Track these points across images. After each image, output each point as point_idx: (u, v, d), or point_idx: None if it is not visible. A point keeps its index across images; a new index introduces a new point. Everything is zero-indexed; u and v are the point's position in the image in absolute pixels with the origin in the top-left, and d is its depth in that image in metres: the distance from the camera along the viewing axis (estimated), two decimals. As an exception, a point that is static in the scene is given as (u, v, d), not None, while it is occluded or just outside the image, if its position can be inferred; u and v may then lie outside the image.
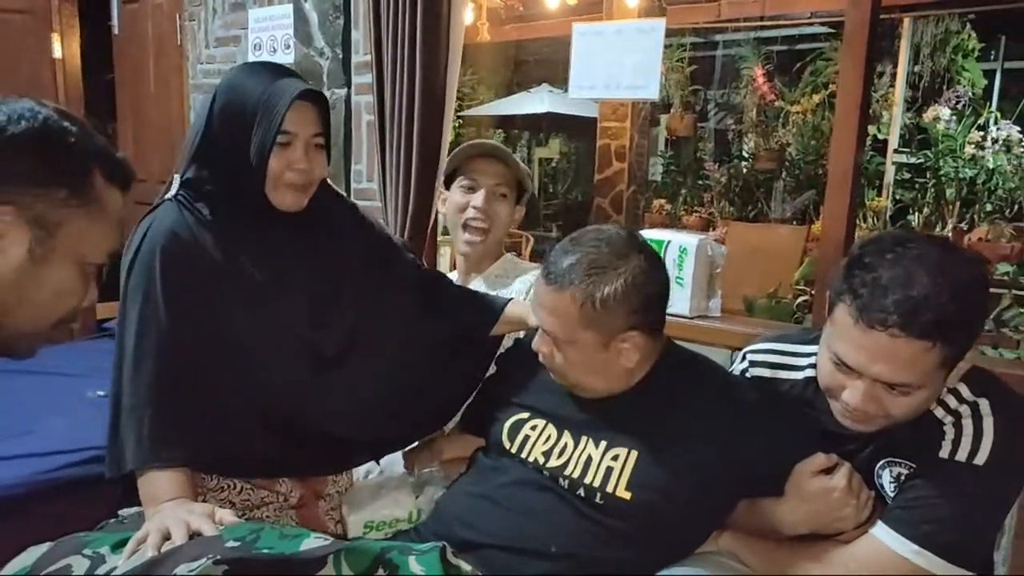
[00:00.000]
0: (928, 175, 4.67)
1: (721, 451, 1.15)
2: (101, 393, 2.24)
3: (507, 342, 1.52)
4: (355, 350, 1.35)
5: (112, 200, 0.92)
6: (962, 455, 1.06)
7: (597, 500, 1.15)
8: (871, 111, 5.10)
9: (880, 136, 5.10)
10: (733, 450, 1.15)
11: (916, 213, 4.64)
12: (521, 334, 1.48)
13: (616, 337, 1.16)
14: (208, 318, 1.24)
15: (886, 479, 1.14)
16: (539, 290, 1.22)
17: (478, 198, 1.64)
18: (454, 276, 1.76)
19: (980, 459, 1.05)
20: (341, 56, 2.80)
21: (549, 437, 1.24)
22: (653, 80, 2.18)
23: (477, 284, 1.70)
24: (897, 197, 4.94)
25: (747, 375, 1.30)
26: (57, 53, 3.98)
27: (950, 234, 4.32)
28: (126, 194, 0.95)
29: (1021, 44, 5.57)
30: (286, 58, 2.97)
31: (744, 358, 1.33)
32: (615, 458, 1.17)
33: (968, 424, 1.07)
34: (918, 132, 5.07)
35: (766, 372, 1.28)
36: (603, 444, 1.19)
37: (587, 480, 1.17)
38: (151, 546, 0.96)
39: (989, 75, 5.43)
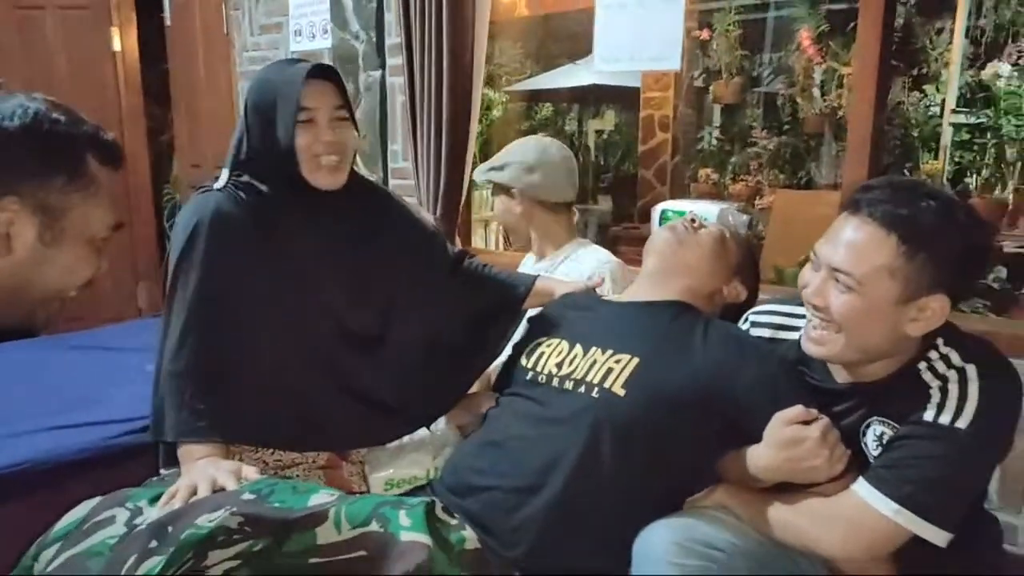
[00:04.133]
0: (989, 135, 4.48)
1: (714, 375, 1.24)
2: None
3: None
4: (392, 327, 1.45)
5: (106, 179, 0.99)
6: (946, 418, 1.08)
7: (594, 395, 1.25)
8: (928, 71, 4.92)
9: (939, 95, 4.90)
10: (725, 377, 1.24)
11: (975, 175, 4.46)
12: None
13: None
14: (251, 295, 1.33)
15: (870, 438, 1.17)
16: None
17: None
18: (530, 258, 1.93)
19: (963, 423, 1.07)
20: (375, 39, 2.88)
21: (562, 351, 1.36)
22: (675, 50, 2.19)
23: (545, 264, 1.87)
24: (956, 159, 4.75)
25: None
26: (116, 46, 4.19)
27: (1011, 196, 4.15)
28: (118, 172, 1.01)
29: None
30: (324, 42, 3.07)
31: (747, 319, 1.38)
32: (617, 361, 1.28)
33: (954, 388, 1.09)
34: (980, 90, 4.85)
35: (767, 332, 1.33)
36: (609, 352, 1.30)
37: (588, 378, 1.28)
38: (179, 499, 1.07)
39: (1061, 26, 5.14)
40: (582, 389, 1.27)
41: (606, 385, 1.25)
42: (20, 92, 0.97)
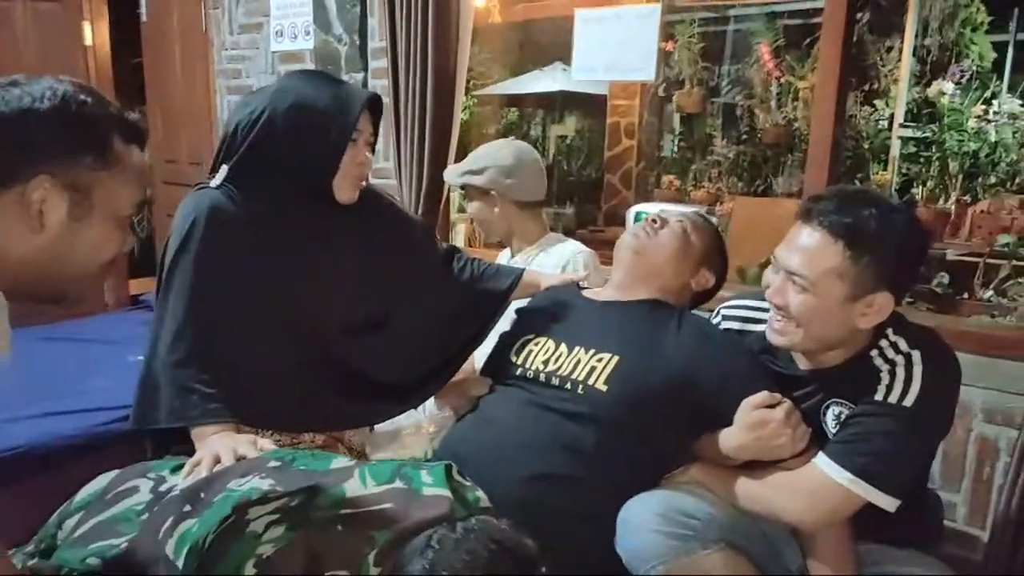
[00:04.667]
0: (933, 149, 4.73)
1: (688, 367, 1.37)
2: (141, 357, 2.46)
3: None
4: (389, 317, 1.55)
5: (132, 158, 1.02)
6: (894, 398, 1.22)
7: (579, 391, 1.37)
8: (879, 86, 5.17)
9: (888, 110, 5.15)
10: (698, 369, 1.36)
11: (920, 186, 4.71)
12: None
13: None
14: (246, 288, 1.39)
15: (829, 418, 1.31)
16: None
17: None
18: (505, 254, 2.04)
19: (908, 401, 1.22)
20: (359, 42, 2.96)
21: (549, 349, 1.47)
22: (650, 62, 2.33)
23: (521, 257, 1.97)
24: (903, 171, 5.01)
25: (720, 327, 1.48)
26: (88, 40, 4.16)
27: (953, 206, 4.40)
28: (143, 150, 1.05)
29: (1035, 16, 5.56)
30: (306, 43, 3.13)
31: (718, 313, 1.51)
32: (599, 360, 1.40)
33: (901, 371, 1.24)
34: (926, 106, 5.11)
35: (736, 325, 1.46)
36: (592, 351, 1.42)
37: (573, 376, 1.40)
38: (205, 467, 1.14)
39: (1002, 47, 5.44)
40: (568, 386, 1.39)
41: (590, 382, 1.37)
42: (47, 75, 1.01)
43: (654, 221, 1.53)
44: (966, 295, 3.77)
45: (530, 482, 1.32)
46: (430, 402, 1.68)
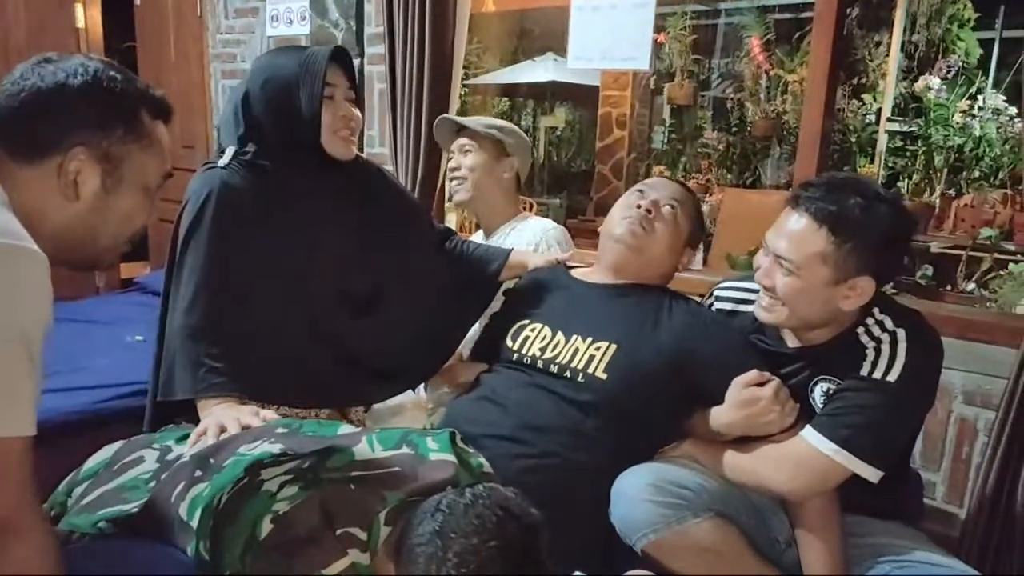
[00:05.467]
0: (920, 143, 4.80)
1: (681, 349, 1.41)
2: (139, 338, 2.49)
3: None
4: (385, 295, 1.58)
5: (159, 131, 1.08)
6: (878, 373, 1.28)
7: (580, 379, 1.41)
8: (867, 81, 5.24)
9: (876, 104, 5.22)
10: (691, 351, 1.41)
11: (906, 180, 4.79)
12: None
13: None
14: (256, 262, 1.43)
15: (817, 394, 1.36)
16: None
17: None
18: (478, 235, 2.05)
19: (892, 376, 1.27)
20: (355, 28, 2.97)
21: (545, 336, 1.50)
22: (645, 51, 2.35)
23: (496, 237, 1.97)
24: (890, 164, 5.08)
25: (713, 308, 1.53)
26: (80, 23, 4.14)
27: (937, 200, 4.48)
28: (168, 124, 1.10)
29: (1021, 13, 5.64)
30: (302, 29, 3.15)
31: (712, 294, 1.55)
32: (598, 348, 1.43)
33: (886, 348, 1.29)
34: (913, 101, 5.18)
35: (728, 306, 1.51)
36: (589, 339, 1.45)
37: (573, 364, 1.43)
38: (211, 435, 1.17)
39: (988, 44, 5.51)
40: (567, 374, 1.43)
41: (590, 371, 1.41)
42: (78, 53, 1.07)
43: (648, 212, 1.51)
44: (949, 287, 3.85)
45: (533, 461, 1.36)
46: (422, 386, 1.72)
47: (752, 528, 1.35)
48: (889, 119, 5.03)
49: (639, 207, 1.51)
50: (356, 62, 2.99)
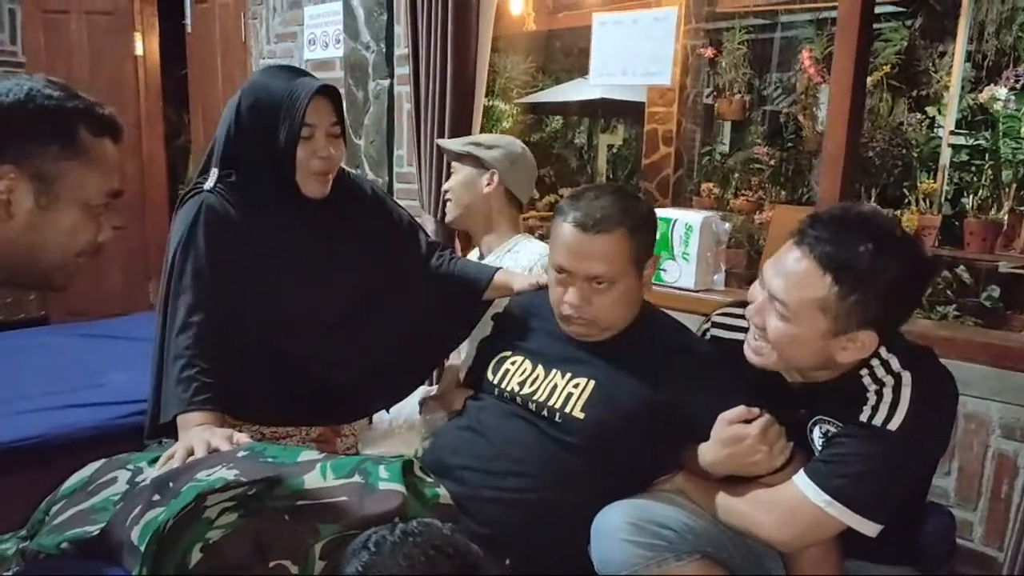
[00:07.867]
0: (986, 157, 4.55)
1: (666, 392, 1.32)
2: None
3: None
4: (360, 314, 1.55)
5: (102, 148, 1.06)
6: (878, 420, 1.16)
7: (556, 419, 1.35)
8: (931, 92, 5.00)
9: (940, 117, 4.98)
10: (677, 393, 1.32)
11: (972, 196, 4.53)
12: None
13: None
14: (243, 282, 1.44)
15: (816, 435, 1.26)
16: None
17: None
18: (474, 254, 2.00)
19: (893, 425, 1.15)
20: (385, 50, 3.00)
21: (525, 370, 1.44)
22: (666, 66, 2.30)
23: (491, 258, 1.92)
24: (954, 180, 4.83)
25: (708, 334, 1.44)
26: (139, 51, 4.34)
27: (1006, 216, 4.22)
28: (118, 143, 1.09)
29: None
30: (336, 52, 3.20)
31: (709, 319, 1.46)
32: (576, 386, 1.36)
33: (888, 393, 1.17)
34: (980, 113, 4.92)
35: (723, 333, 1.42)
36: (568, 375, 1.38)
37: (550, 403, 1.36)
38: (177, 459, 1.17)
39: (1067, 51, 5.20)
40: (545, 413, 1.37)
41: (567, 410, 1.35)
42: (24, 75, 1.08)
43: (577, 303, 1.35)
44: (1020, 311, 3.60)
45: (512, 495, 1.31)
46: (413, 406, 1.69)
47: (746, 572, 1.25)
48: (953, 132, 4.78)
49: (565, 302, 1.37)
50: (386, 83, 3.03)
